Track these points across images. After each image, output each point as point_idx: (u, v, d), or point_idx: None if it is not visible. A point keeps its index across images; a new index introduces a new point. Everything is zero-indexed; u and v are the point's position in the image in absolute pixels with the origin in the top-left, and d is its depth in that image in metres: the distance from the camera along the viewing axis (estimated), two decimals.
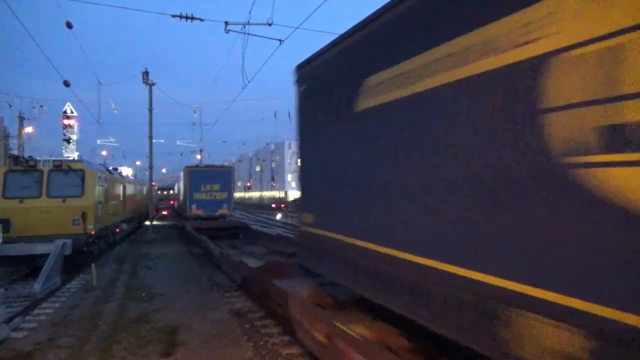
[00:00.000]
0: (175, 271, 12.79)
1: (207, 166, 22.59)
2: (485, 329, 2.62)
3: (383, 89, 3.68)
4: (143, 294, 9.69)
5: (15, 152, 33.58)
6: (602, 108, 2.02)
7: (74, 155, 53.76)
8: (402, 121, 3.44)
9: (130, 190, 22.30)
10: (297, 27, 11.13)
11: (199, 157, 48.55)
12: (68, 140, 61.15)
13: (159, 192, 47.88)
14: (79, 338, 6.76)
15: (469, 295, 2.74)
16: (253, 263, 9.20)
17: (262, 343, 6.46)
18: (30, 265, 11.67)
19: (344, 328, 4.12)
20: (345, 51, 4.48)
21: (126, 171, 44.57)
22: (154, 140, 25.08)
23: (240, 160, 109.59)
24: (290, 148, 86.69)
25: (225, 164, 34.14)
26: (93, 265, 11.48)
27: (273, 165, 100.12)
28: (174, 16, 12.39)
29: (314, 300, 5.25)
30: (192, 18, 12.26)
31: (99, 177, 13.95)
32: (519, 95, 2.40)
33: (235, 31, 11.99)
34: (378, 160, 3.78)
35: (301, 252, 5.87)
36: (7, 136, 35.00)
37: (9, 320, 7.44)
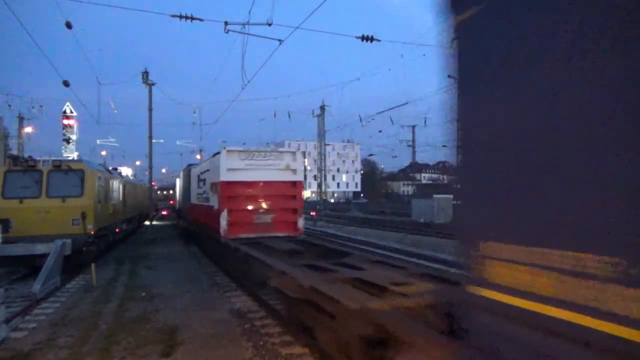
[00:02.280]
0: (175, 271, 12.78)
1: None
2: None
3: None
4: (143, 294, 9.68)
5: (14, 152, 33.57)
6: None
7: (74, 155, 53.68)
8: None
9: (129, 190, 22.28)
10: (297, 27, 11.14)
11: (198, 157, 48.54)
12: (67, 140, 61.03)
13: (158, 192, 47.85)
14: (79, 338, 6.75)
15: None
16: None
17: (261, 343, 6.45)
18: (30, 265, 11.66)
19: None
20: None
21: (126, 171, 44.52)
22: (153, 140, 25.09)
23: None
24: (289, 147, 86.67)
25: None
26: (93, 265, 11.48)
27: None
28: (173, 16, 12.37)
29: None
30: (192, 18, 12.24)
31: (99, 177, 13.94)
32: None
33: (235, 31, 11.98)
34: None
35: None
36: (6, 136, 34.97)
37: (8, 321, 7.44)
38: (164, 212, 42.54)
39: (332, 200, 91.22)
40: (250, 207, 11.44)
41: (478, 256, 2.32)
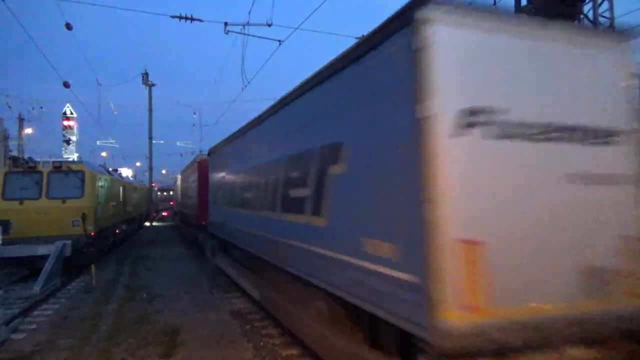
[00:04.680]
0: (175, 272, 12.78)
1: None
2: None
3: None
4: (143, 295, 9.68)
5: (14, 153, 33.55)
6: None
7: (74, 156, 53.69)
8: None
9: (130, 191, 22.28)
10: (297, 28, 11.11)
11: None
12: (68, 142, 61.12)
13: (158, 193, 47.86)
14: (79, 339, 6.74)
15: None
16: None
17: (262, 344, 6.45)
18: (30, 267, 11.65)
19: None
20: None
21: (126, 172, 44.53)
22: (153, 141, 25.14)
23: None
24: None
25: None
26: (93, 266, 11.47)
27: None
28: (173, 17, 12.36)
29: None
30: (192, 19, 12.23)
31: (99, 178, 13.94)
32: None
33: (235, 32, 11.96)
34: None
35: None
36: (6, 137, 34.94)
37: (8, 322, 7.43)
38: (164, 213, 42.58)
39: None
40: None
41: None
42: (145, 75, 25.27)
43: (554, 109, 3.30)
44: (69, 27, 12.26)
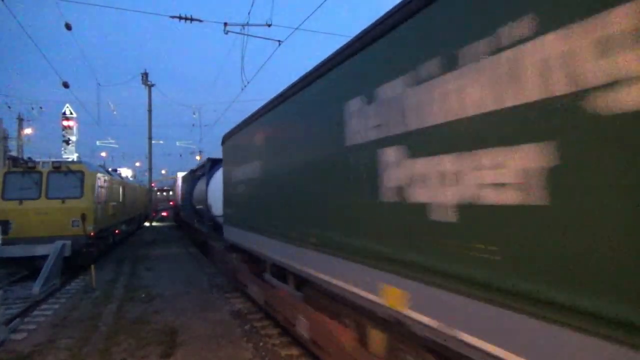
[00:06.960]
0: (175, 272, 12.77)
1: None
2: None
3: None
4: (142, 295, 9.67)
5: (14, 153, 33.53)
6: None
7: (73, 156, 53.69)
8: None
9: (129, 191, 22.27)
10: (297, 28, 11.13)
11: (198, 158, 48.56)
12: (67, 142, 61.13)
13: (158, 193, 47.90)
14: (79, 339, 6.75)
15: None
16: None
17: (261, 344, 6.45)
18: (30, 267, 11.66)
19: None
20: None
21: (125, 172, 44.54)
22: (153, 142, 25.12)
23: None
24: None
25: None
26: (92, 266, 11.46)
27: None
28: (173, 17, 12.38)
29: None
30: (191, 19, 12.25)
31: (98, 179, 13.94)
32: None
33: (234, 32, 11.97)
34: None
35: None
36: (6, 137, 34.95)
37: (8, 322, 7.43)
38: (164, 213, 42.63)
39: None
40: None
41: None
42: (145, 76, 25.29)
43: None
44: (68, 27, 12.26)
